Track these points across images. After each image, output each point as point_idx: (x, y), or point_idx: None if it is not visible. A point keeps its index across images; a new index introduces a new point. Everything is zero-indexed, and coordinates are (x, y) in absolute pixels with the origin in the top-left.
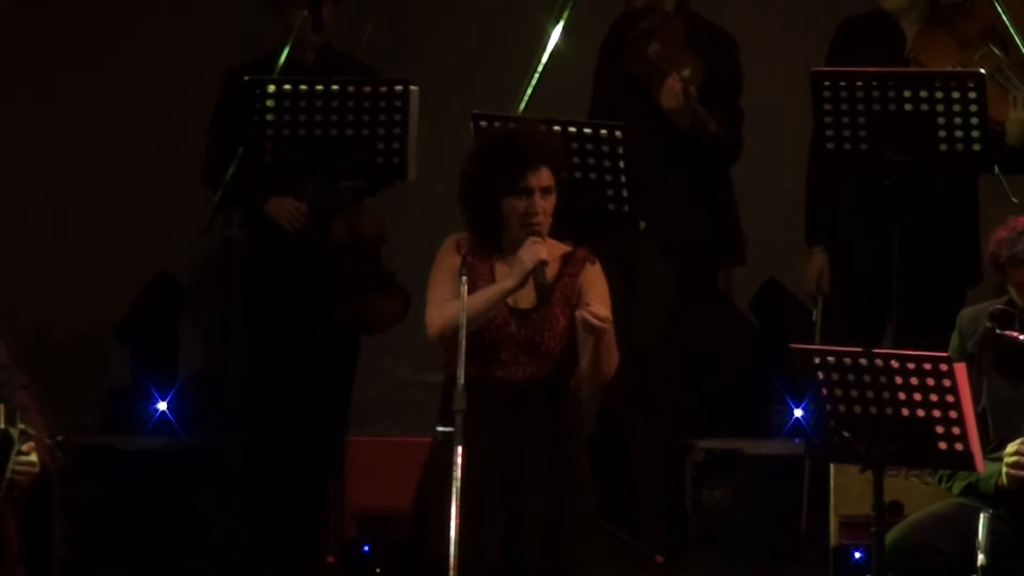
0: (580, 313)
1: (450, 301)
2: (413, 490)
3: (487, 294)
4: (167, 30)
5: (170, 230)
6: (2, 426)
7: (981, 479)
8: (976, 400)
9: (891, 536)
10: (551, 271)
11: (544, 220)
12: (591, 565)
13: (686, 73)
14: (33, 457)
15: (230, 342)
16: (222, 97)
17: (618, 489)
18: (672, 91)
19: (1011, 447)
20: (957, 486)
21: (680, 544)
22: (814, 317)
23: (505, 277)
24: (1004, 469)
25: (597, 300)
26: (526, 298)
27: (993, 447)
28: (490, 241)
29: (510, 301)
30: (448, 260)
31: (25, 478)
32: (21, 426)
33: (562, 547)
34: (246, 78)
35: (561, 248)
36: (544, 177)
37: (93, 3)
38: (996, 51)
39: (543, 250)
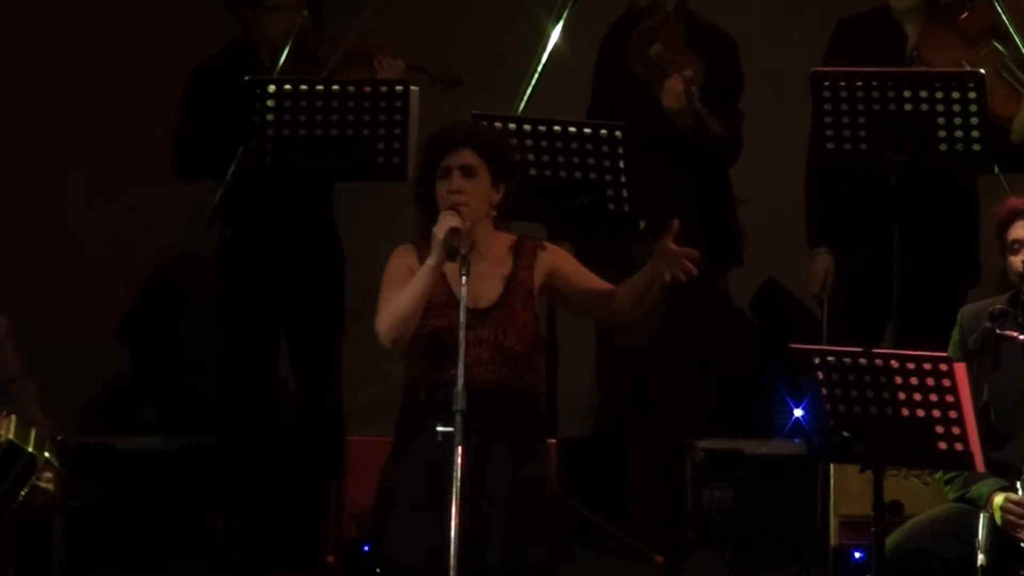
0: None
1: (392, 301)
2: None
3: (415, 280)
4: (168, 30)
5: (170, 230)
6: (31, 450)
7: (972, 494)
8: (978, 396)
9: (890, 541)
10: (502, 267)
11: (466, 199)
12: (552, 565)
13: (688, 73)
14: (51, 486)
15: (227, 342)
16: (187, 93)
17: (618, 489)
18: (674, 91)
19: (1001, 500)
20: (951, 494)
21: (680, 544)
22: (820, 316)
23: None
24: (999, 512)
25: (576, 269)
26: (485, 297)
27: (995, 445)
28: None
29: (469, 304)
30: (396, 265)
31: (39, 501)
32: (47, 455)
33: (521, 549)
34: (247, 78)
35: (509, 240)
36: (463, 156)
37: (92, 5)
38: (1000, 48)
39: (454, 219)
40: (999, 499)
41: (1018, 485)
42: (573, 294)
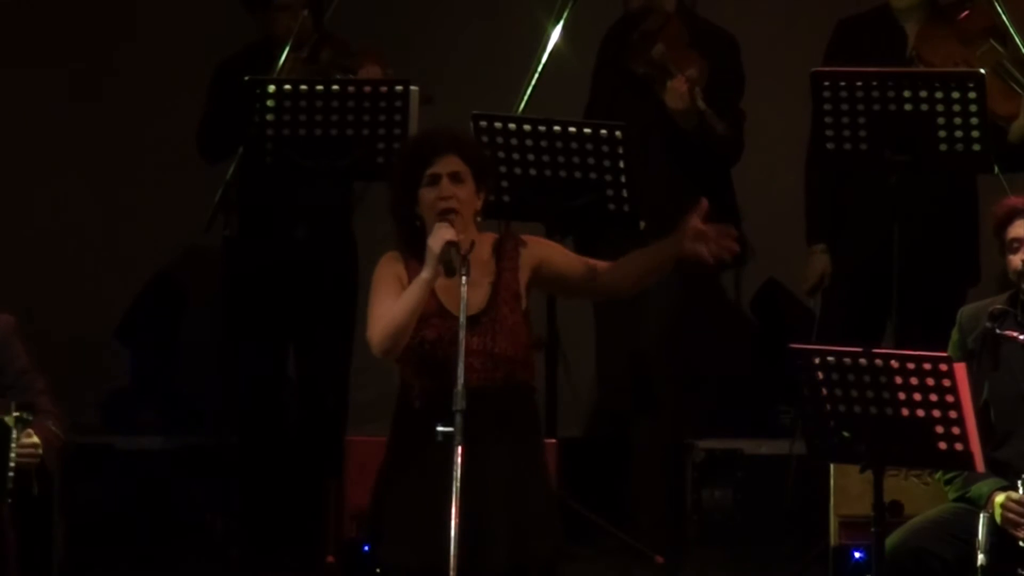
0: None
1: (386, 311)
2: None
3: (409, 292)
4: (167, 30)
5: (170, 230)
6: None
7: (972, 493)
8: (978, 395)
9: (890, 541)
10: (486, 272)
11: (457, 206)
12: (553, 563)
13: (691, 73)
14: (34, 439)
15: (228, 342)
16: (209, 87)
17: (618, 489)
18: (677, 92)
19: (1002, 499)
20: (952, 493)
21: (680, 544)
22: (812, 304)
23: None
24: (999, 510)
25: (562, 256)
26: (473, 303)
27: (995, 444)
28: (420, 251)
29: (457, 312)
30: (384, 273)
31: (29, 461)
32: (16, 413)
33: (526, 546)
34: (246, 78)
35: (489, 241)
36: (451, 163)
37: (92, 5)
38: (998, 47)
39: (449, 231)
40: (1000, 498)
41: (1019, 484)
42: (564, 281)
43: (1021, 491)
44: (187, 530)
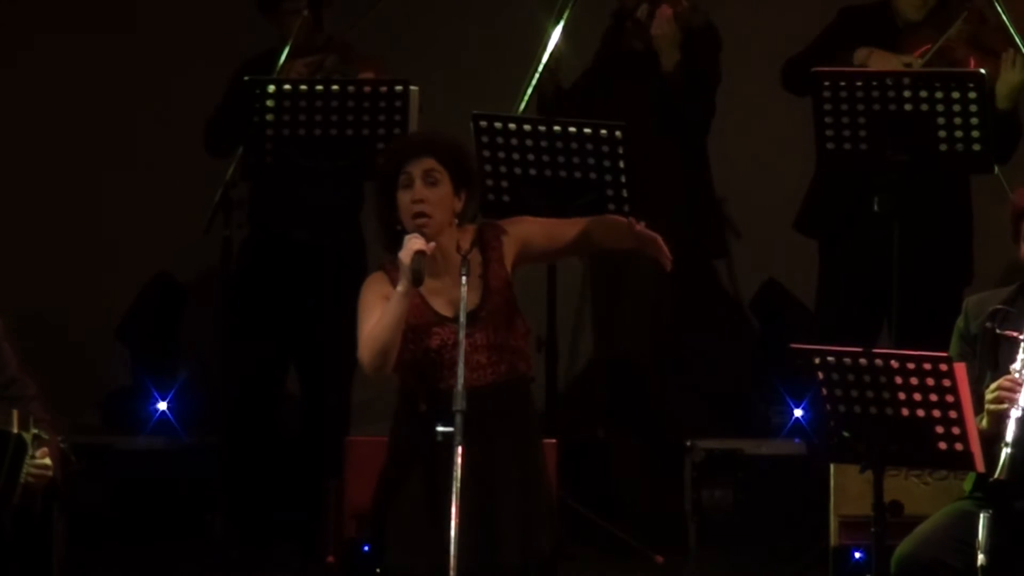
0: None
1: (371, 331)
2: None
3: (388, 309)
4: (167, 29)
5: (170, 230)
6: (15, 431)
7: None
8: (980, 380)
9: (900, 552)
10: (473, 266)
11: (429, 210)
12: (554, 558)
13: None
14: (47, 460)
15: (229, 342)
16: (233, 81)
17: (618, 489)
18: (663, 16)
19: (992, 385)
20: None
21: (680, 544)
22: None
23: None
24: (985, 409)
25: (542, 231)
26: (468, 301)
27: None
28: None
29: (450, 314)
30: (369, 296)
31: (38, 481)
32: (34, 431)
33: (532, 541)
34: (246, 78)
35: (470, 236)
36: (425, 163)
37: (94, 3)
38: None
39: (418, 241)
40: (994, 383)
41: (1011, 369)
42: (547, 254)
43: (1014, 372)
44: (187, 530)
